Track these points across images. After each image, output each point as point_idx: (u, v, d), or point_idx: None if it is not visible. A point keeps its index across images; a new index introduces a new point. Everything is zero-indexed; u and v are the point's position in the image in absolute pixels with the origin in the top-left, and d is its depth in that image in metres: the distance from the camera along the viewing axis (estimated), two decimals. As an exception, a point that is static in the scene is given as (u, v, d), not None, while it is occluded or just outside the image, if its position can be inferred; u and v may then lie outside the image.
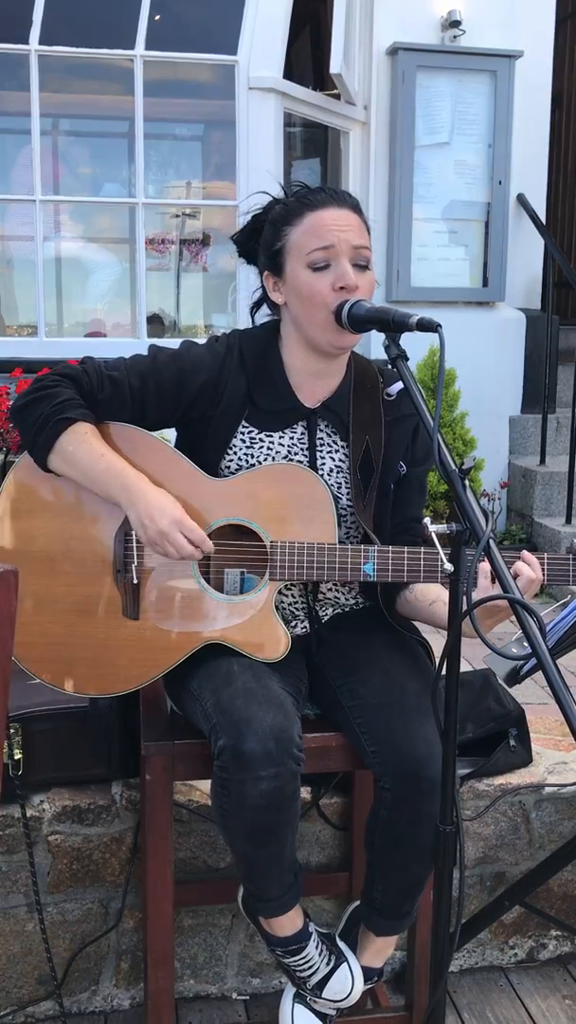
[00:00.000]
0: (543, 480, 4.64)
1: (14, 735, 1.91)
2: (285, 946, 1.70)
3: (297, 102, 4.61)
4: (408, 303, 4.70)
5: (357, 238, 1.66)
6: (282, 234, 1.69)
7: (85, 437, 1.63)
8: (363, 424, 1.77)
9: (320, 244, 1.65)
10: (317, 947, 1.72)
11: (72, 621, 1.69)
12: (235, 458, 1.74)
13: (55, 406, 1.62)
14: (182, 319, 5.90)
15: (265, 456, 1.74)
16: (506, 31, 4.82)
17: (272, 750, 1.50)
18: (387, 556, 1.66)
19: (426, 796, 1.57)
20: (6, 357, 4.25)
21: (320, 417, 1.78)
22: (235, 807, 1.52)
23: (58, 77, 4.60)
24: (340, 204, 1.68)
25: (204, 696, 1.61)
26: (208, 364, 1.72)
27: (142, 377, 1.69)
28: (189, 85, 4.98)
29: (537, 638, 1.22)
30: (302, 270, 1.66)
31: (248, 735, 1.50)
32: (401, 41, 4.67)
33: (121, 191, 5.67)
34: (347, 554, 1.66)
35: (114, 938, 2.07)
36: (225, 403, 1.73)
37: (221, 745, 1.52)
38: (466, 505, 1.32)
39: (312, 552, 1.66)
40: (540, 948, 2.27)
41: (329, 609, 1.86)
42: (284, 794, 1.53)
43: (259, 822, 1.53)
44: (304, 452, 1.77)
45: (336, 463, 1.78)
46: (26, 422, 1.64)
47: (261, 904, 1.68)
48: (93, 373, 1.67)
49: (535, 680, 2.05)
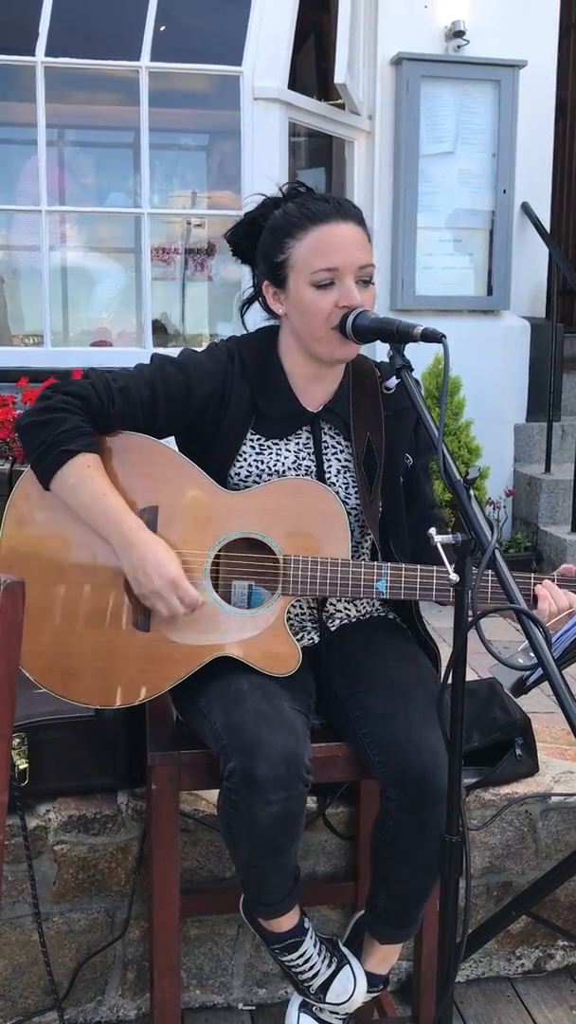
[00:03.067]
0: (548, 488, 4.64)
1: (20, 744, 1.91)
2: (282, 941, 1.71)
3: (302, 112, 4.63)
4: (413, 312, 4.71)
5: (362, 257, 1.66)
6: (285, 246, 1.68)
7: (87, 472, 1.61)
8: (364, 421, 1.77)
9: (326, 265, 1.64)
10: (316, 945, 1.73)
11: (81, 632, 1.68)
12: (245, 465, 1.74)
13: (59, 434, 1.59)
14: (187, 328, 5.91)
15: (275, 462, 1.75)
16: (510, 41, 4.83)
17: (283, 774, 1.50)
18: (400, 573, 1.66)
19: (431, 806, 1.57)
20: (12, 366, 4.27)
21: (323, 420, 1.78)
22: (243, 827, 1.53)
23: (64, 88, 4.62)
24: (345, 218, 1.66)
25: (213, 715, 1.60)
26: (212, 371, 1.72)
27: (151, 386, 1.68)
28: (194, 95, 5.00)
29: (543, 648, 1.22)
30: (306, 288, 1.66)
31: (259, 759, 1.49)
32: (405, 51, 4.69)
33: (126, 201, 5.69)
34: (360, 571, 1.66)
35: (120, 948, 2.06)
36: (232, 412, 1.73)
37: (231, 768, 1.51)
38: (471, 515, 1.33)
39: (325, 568, 1.66)
40: (547, 958, 2.26)
41: (337, 621, 1.86)
42: (292, 815, 1.53)
43: (267, 841, 1.54)
44: (311, 456, 1.77)
45: (342, 463, 1.79)
46: (30, 445, 1.62)
47: (262, 907, 1.70)
48: (102, 388, 1.65)
49: (541, 689, 2.04)
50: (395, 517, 1.80)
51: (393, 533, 1.79)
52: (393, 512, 1.80)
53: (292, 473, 1.75)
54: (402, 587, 1.66)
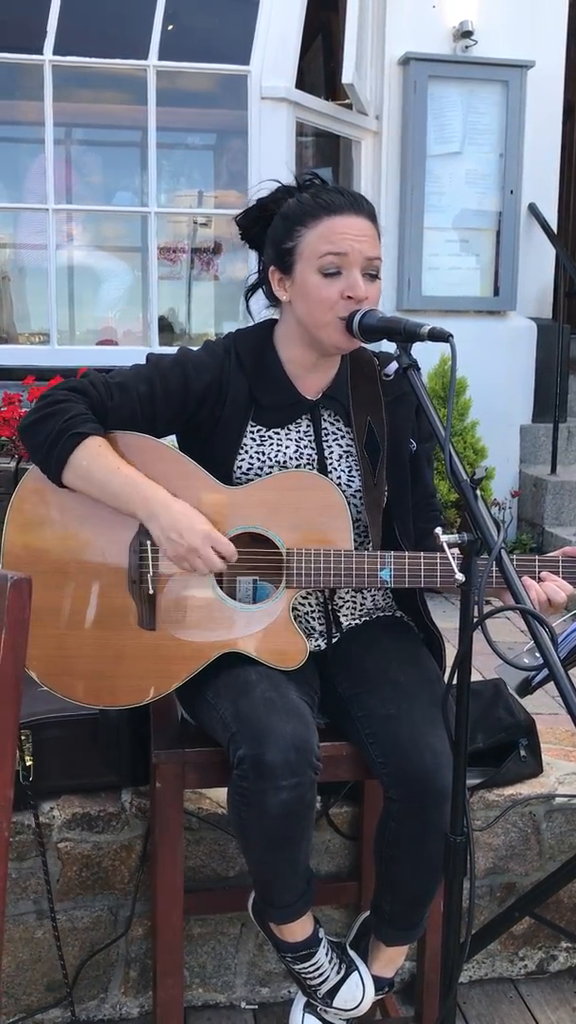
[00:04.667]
0: (554, 489, 4.64)
1: (24, 742, 1.91)
2: (295, 952, 1.70)
3: (309, 112, 4.63)
4: (419, 312, 4.71)
5: (371, 249, 1.67)
6: (295, 234, 1.69)
7: (99, 451, 1.62)
8: (363, 406, 1.78)
9: (334, 250, 1.65)
10: (327, 954, 1.72)
11: (86, 633, 1.68)
12: (247, 457, 1.74)
13: (66, 421, 1.61)
14: (193, 327, 5.92)
15: (276, 452, 1.75)
16: (518, 41, 4.82)
17: (293, 760, 1.50)
18: (404, 561, 1.66)
19: (434, 807, 1.57)
20: (19, 365, 4.28)
21: (322, 407, 1.79)
22: (254, 816, 1.52)
23: (72, 87, 4.63)
24: (358, 212, 1.68)
25: (222, 705, 1.61)
26: (209, 365, 1.73)
27: (149, 382, 1.69)
28: (201, 95, 5.00)
29: (549, 649, 1.22)
30: (312, 274, 1.67)
31: (269, 745, 1.50)
32: (413, 51, 4.69)
33: (133, 200, 5.70)
34: (364, 560, 1.66)
35: (123, 946, 2.07)
36: (230, 404, 1.73)
37: (241, 755, 1.51)
38: (477, 515, 1.33)
39: (329, 559, 1.66)
40: (550, 959, 2.26)
41: (347, 616, 1.85)
42: (303, 803, 1.53)
43: (277, 831, 1.53)
44: (312, 444, 1.77)
45: (344, 449, 1.79)
46: (37, 439, 1.63)
47: (273, 910, 1.68)
48: (100, 384, 1.67)
49: (545, 690, 2.04)
50: (401, 502, 1.80)
51: (399, 518, 1.79)
52: (399, 497, 1.80)
53: (294, 462, 1.75)
54: (406, 575, 1.66)
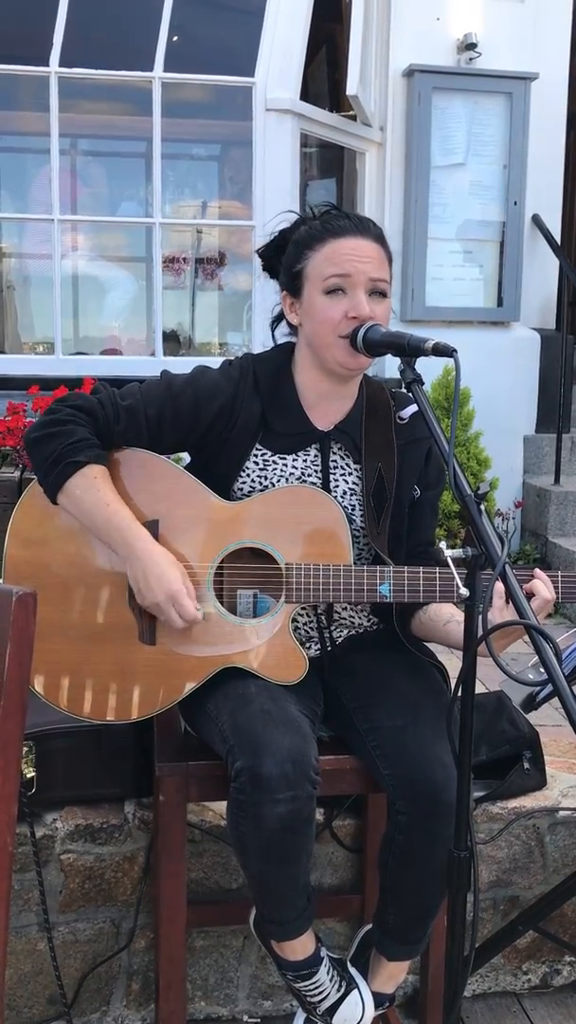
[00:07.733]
0: (558, 500, 4.63)
1: (28, 753, 1.91)
2: (296, 970, 1.69)
3: (314, 123, 4.64)
4: (423, 323, 4.71)
5: (375, 271, 1.68)
6: (303, 257, 1.72)
7: (94, 483, 1.63)
8: (376, 451, 1.78)
9: (337, 271, 1.67)
10: (328, 972, 1.71)
11: (87, 648, 1.68)
12: (248, 479, 1.75)
13: (67, 446, 1.62)
14: (197, 337, 5.93)
15: (278, 478, 1.75)
16: (522, 53, 4.84)
17: (289, 773, 1.50)
18: (403, 577, 1.66)
19: (442, 820, 1.56)
20: (23, 374, 4.27)
21: (333, 440, 1.79)
22: (252, 829, 1.52)
23: (77, 98, 4.65)
24: (363, 234, 1.70)
25: (221, 718, 1.61)
26: (223, 388, 1.74)
27: (158, 406, 1.70)
28: (206, 106, 5.02)
29: (553, 664, 1.22)
30: (318, 295, 1.69)
31: (266, 757, 1.50)
32: (417, 63, 4.70)
33: (138, 210, 5.72)
34: (363, 575, 1.66)
35: (125, 958, 2.06)
36: (240, 425, 1.74)
37: (238, 767, 1.51)
38: (481, 530, 1.33)
39: (328, 574, 1.67)
40: (554, 974, 2.25)
41: (343, 631, 1.86)
42: (301, 817, 1.52)
43: (275, 844, 1.53)
44: (317, 474, 1.78)
45: (350, 486, 1.79)
46: (39, 457, 1.65)
47: (273, 927, 1.67)
48: (109, 405, 1.68)
49: (549, 702, 2.04)
50: (395, 545, 1.80)
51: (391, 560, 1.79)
52: (393, 545, 1.80)
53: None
54: (405, 590, 1.66)
